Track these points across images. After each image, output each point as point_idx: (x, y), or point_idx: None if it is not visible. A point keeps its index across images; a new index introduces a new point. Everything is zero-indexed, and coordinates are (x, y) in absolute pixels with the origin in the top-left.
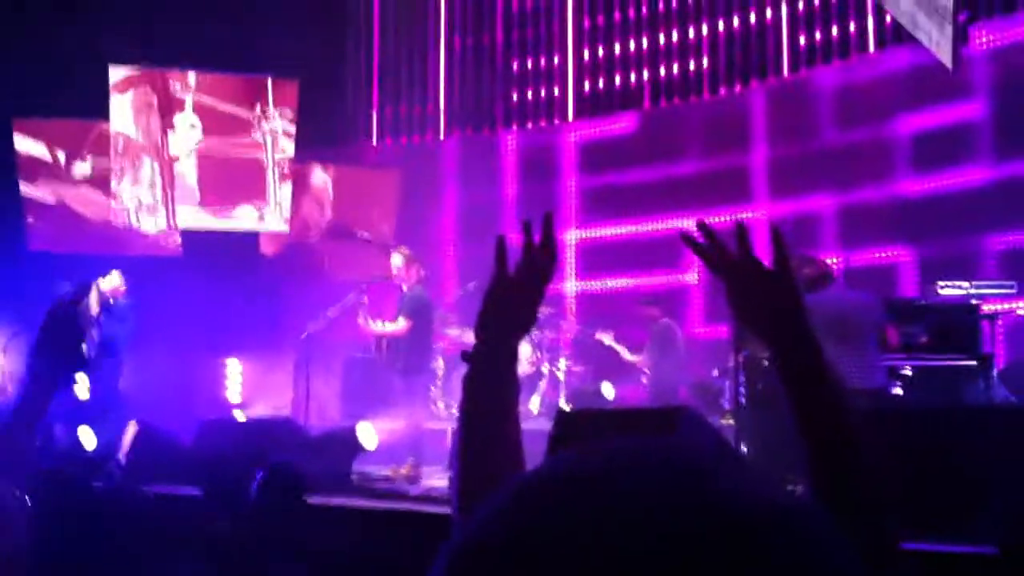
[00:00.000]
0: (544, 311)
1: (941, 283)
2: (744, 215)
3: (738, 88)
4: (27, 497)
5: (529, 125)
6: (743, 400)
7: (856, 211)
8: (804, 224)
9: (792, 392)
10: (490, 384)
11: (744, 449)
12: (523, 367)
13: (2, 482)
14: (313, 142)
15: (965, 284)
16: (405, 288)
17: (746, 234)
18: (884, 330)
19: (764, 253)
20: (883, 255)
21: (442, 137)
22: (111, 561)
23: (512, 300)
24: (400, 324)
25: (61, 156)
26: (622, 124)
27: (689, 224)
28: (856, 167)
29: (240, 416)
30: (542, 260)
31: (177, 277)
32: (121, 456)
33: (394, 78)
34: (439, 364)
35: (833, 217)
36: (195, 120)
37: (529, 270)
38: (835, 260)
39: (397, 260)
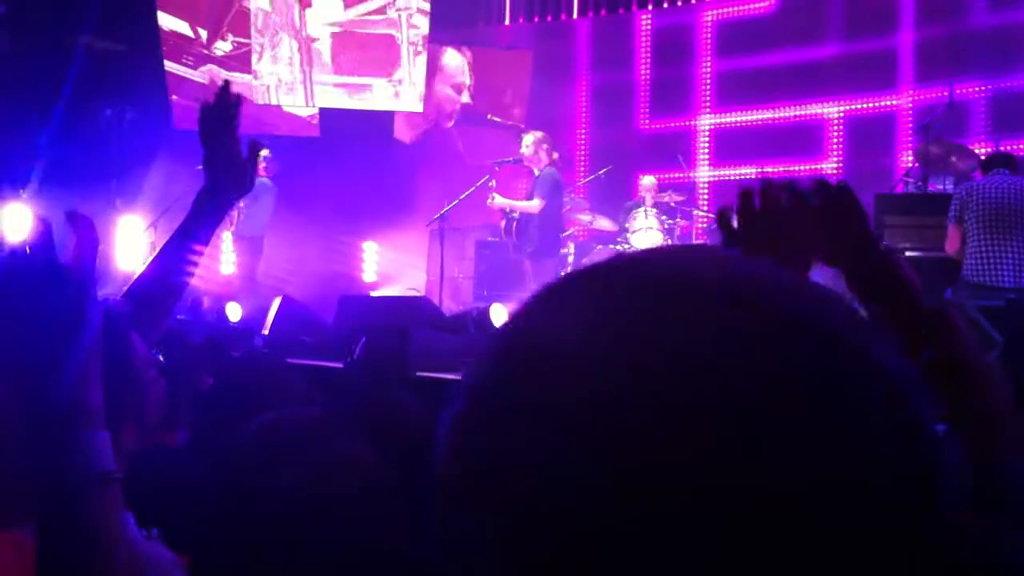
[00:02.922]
0: (676, 199)
1: None
2: (888, 101)
3: None
4: (161, 356)
5: (665, 4)
6: None
7: (1009, 98)
8: (953, 111)
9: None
10: None
11: None
12: None
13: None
14: (446, 21)
15: None
16: (536, 171)
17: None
18: None
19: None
20: None
21: (575, 16)
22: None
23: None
24: (534, 203)
25: (203, 34)
26: (761, 3)
27: (831, 110)
28: (1009, 51)
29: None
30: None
31: (315, 158)
32: (265, 330)
33: None
34: (570, 249)
35: (984, 104)
36: None
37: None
38: (984, 149)
39: (528, 142)
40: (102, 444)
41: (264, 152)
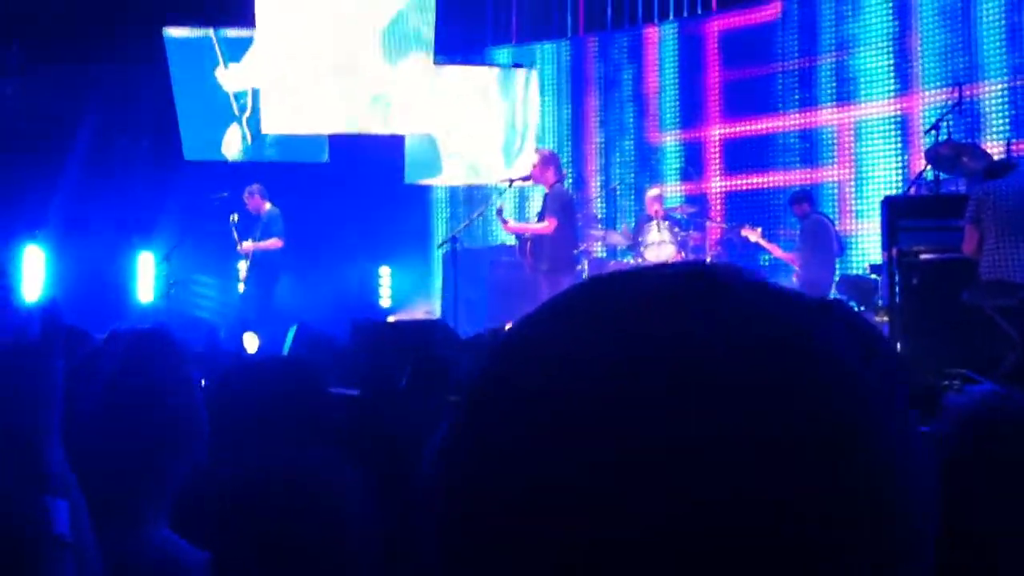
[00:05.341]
0: (688, 211)
1: None
2: (900, 106)
3: None
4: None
5: (671, 16)
6: (898, 296)
7: (1021, 98)
8: (963, 113)
9: None
10: None
11: (899, 345)
12: None
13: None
14: (453, 41)
15: None
16: (546, 189)
17: None
18: None
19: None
20: None
21: (582, 34)
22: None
23: None
24: (544, 224)
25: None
26: (766, 12)
27: (841, 115)
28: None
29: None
30: None
31: (326, 184)
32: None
33: None
34: (584, 265)
35: (996, 105)
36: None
37: None
38: (998, 150)
39: (536, 160)
40: (59, 509)
41: (256, 186)
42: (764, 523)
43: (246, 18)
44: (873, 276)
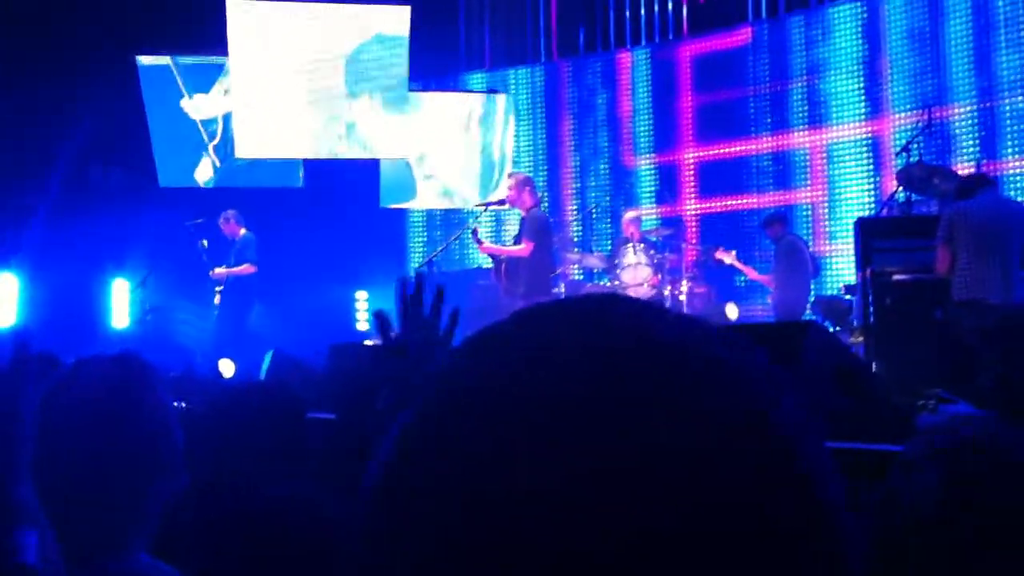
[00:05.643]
0: (663, 233)
1: None
2: (871, 129)
3: None
4: (182, 403)
5: (643, 42)
6: (872, 317)
7: (989, 120)
8: (932, 134)
9: None
10: None
11: (874, 366)
12: (644, 290)
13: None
14: (427, 67)
15: None
16: (522, 213)
17: None
18: None
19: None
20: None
21: (556, 59)
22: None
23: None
24: (521, 247)
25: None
26: (738, 36)
27: (813, 138)
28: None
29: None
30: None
31: (301, 209)
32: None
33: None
34: (561, 288)
35: (965, 127)
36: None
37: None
38: (967, 170)
39: (511, 184)
40: (29, 538)
41: (231, 212)
42: (737, 529)
43: (221, 44)
44: (847, 297)
